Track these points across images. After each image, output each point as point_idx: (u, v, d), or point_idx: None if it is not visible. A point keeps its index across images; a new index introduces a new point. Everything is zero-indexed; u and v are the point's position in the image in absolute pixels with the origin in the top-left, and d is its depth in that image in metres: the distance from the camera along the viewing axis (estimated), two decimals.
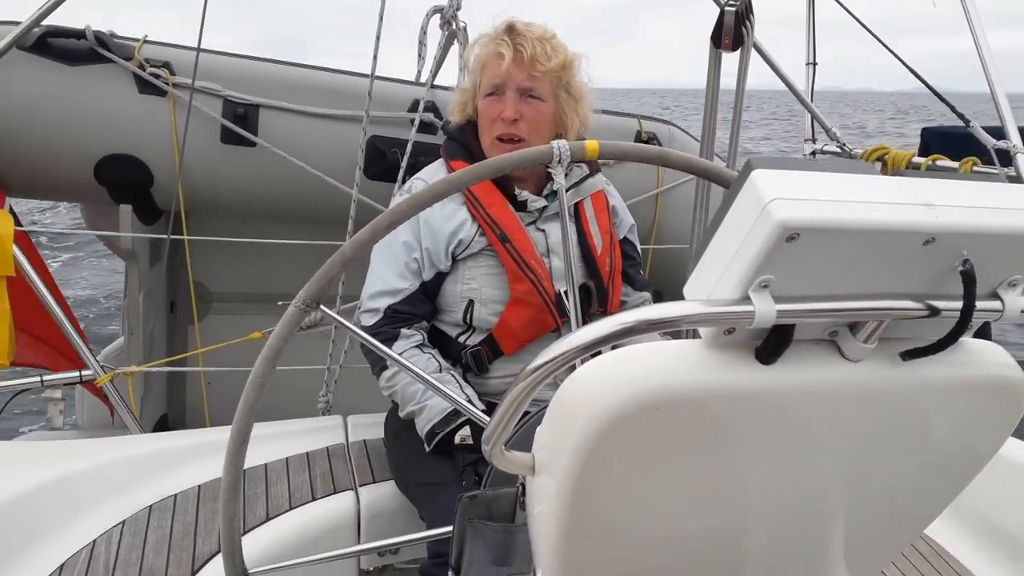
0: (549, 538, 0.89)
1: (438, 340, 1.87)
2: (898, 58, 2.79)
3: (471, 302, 1.80)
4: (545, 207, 1.84)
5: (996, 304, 0.80)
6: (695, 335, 0.81)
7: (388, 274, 1.81)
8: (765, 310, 0.71)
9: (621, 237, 2.00)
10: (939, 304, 0.77)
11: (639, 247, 2.11)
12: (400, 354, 1.76)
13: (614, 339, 0.76)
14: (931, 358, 0.82)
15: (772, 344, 0.76)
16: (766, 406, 0.80)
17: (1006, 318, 0.81)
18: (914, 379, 0.84)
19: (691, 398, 0.78)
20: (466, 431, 1.71)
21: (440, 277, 1.82)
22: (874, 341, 0.80)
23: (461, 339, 1.83)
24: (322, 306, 1.06)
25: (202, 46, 2.78)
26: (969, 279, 0.74)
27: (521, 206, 1.82)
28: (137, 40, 2.84)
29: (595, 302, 1.86)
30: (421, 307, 1.82)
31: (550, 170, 1.18)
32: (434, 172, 1.92)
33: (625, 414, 0.77)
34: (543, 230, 1.84)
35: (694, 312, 0.74)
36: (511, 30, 1.79)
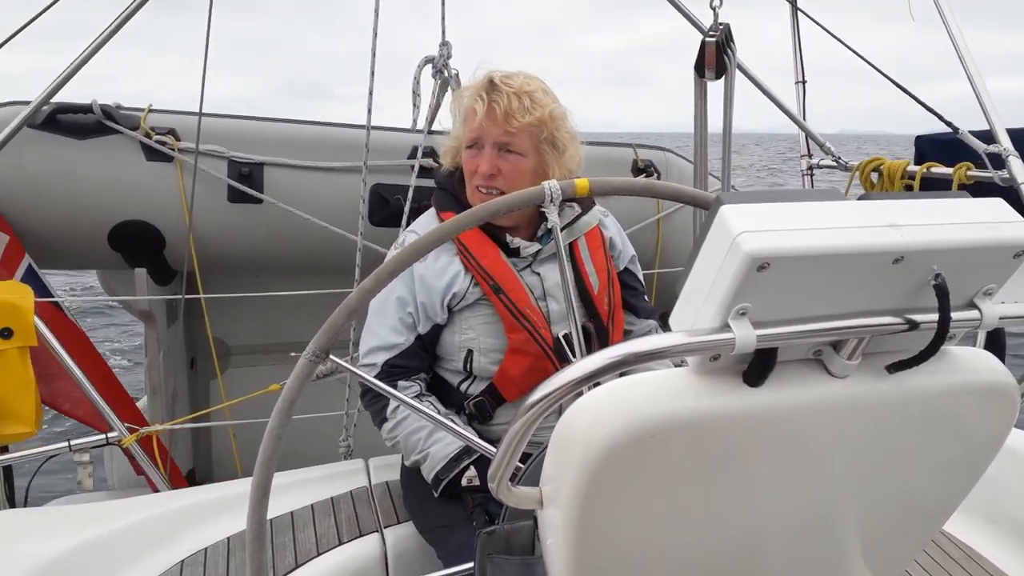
0: (562, 570, 0.91)
1: (440, 388, 1.87)
2: (881, 72, 2.84)
3: (470, 351, 1.80)
4: (539, 251, 1.83)
5: (974, 314, 0.83)
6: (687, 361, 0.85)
7: (383, 329, 1.81)
8: (744, 336, 0.75)
9: (621, 268, 1.99)
10: (917, 317, 0.80)
11: (641, 275, 2.09)
12: (397, 407, 1.79)
13: (606, 372, 0.80)
14: (917, 368, 0.84)
15: (757, 367, 0.80)
16: (758, 426, 0.83)
17: (985, 326, 0.84)
18: (902, 390, 0.86)
19: (684, 424, 0.81)
20: (472, 472, 1.71)
21: (438, 329, 1.81)
22: (857, 357, 0.83)
23: (463, 387, 1.84)
24: (331, 356, 1.10)
25: (206, 108, 2.87)
26: (942, 293, 0.77)
27: (514, 252, 1.81)
28: (142, 110, 2.94)
29: (595, 342, 1.83)
30: (418, 360, 1.82)
31: (543, 210, 1.20)
32: (426, 223, 1.92)
33: (621, 443, 0.80)
34: (538, 273, 1.83)
35: (678, 343, 0.77)
36: (489, 84, 1.77)
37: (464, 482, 1.71)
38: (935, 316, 0.79)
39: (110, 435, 2.55)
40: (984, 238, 0.79)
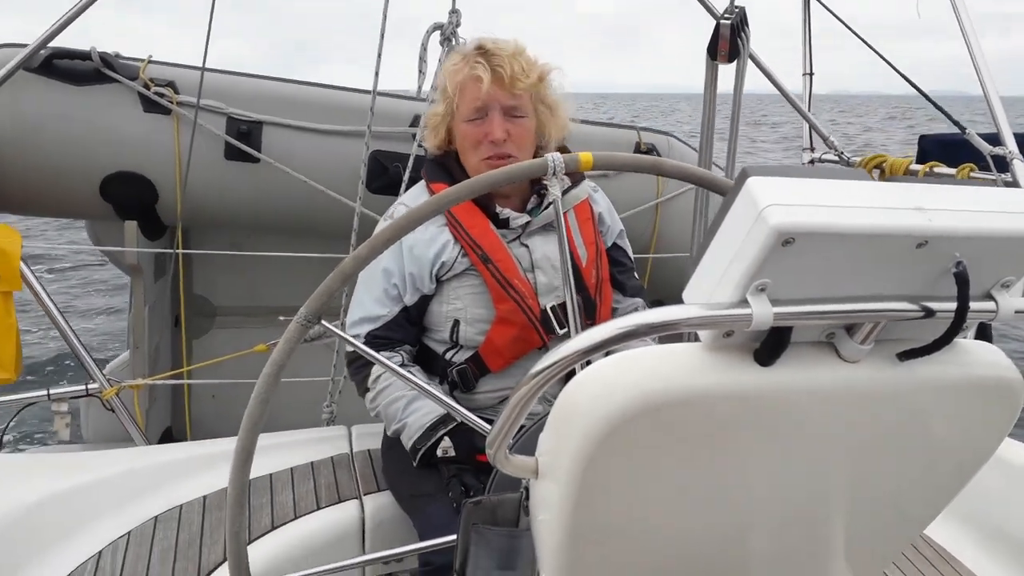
0: (553, 542, 0.90)
1: (425, 358, 1.87)
2: (891, 66, 2.82)
3: (457, 322, 1.80)
4: (528, 222, 1.83)
5: (990, 305, 0.82)
6: (695, 338, 0.83)
7: (368, 301, 1.82)
8: (762, 313, 0.73)
9: (610, 244, 1.99)
10: (934, 305, 0.79)
11: (631, 252, 2.09)
12: (378, 376, 1.80)
13: (615, 342, 0.78)
14: (927, 358, 0.83)
15: (770, 346, 0.78)
16: (765, 407, 0.82)
17: (1000, 318, 0.82)
18: (911, 379, 0.85)
19: (692, 400, 0.79)
20: (447, 443, 1.71)
21: (425, 300, 1.82)
22: (870, 342, 0.81)
23: (448, 355, 1.83)
24: (323, 320, 1.08)
25: (207, 63, 2.82)
26: (962, 281, 0.76)
27: (503, 223, 1.81)
28: (142, 60, 2.88)
29: (582, 315, 1.80)
30: (402, 332, 1.82)
31: (545, 182, 1.18)
32: (416, 195, 1.91)
33: (627, 417, 0.78)
34: (527, 245, 1.83)
35: (693, 315, 0.75)
36: (484, 51, 1.78)
37: (439, 453, 1.71)
38: (952, 305, 0.78)
39: (90, 386, 2.52)
40: (1009, 228, 0.77)
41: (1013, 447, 2.07)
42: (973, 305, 0.78)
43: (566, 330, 1.73)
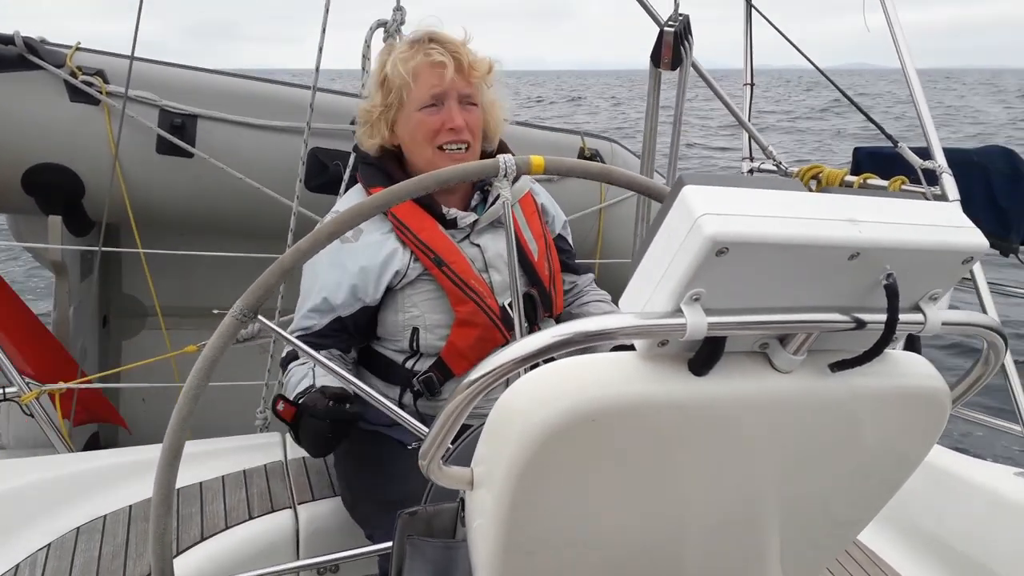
0: (487, 553, 0.89)
1: (384, 367, 1.82)
2: (810, 61, 2.89)
3: (415, 329, 1.75)
4: (475, 221, 1.80)
5: (919, 317, 0.83)
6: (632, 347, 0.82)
7: (302, 311, 1.78)
8: (696, 322, 0.72)
9: (556, 234, 1.98)
10: (865, 317, 0.79)
11: (571, 239, 2.09)
12: (290, 369, 1.73)
13: (552, 351, 0.76)
14: (858, 369, 0.84)
15: (704, 356, 0.77)
16: (699, 416, 0.81)
17: (928, 330, 0.84)
18: (842, 390, 0.86)
19: (625, 410, 0.78)
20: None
21: (367, 311, 1.75)
22: (803, 353, 0.81)
23: (408, 364, 1.79)
24: (260, 317, 1.04)
25: (139, 53, 2.72)
26: (892, 293, 0.77)
27: (451, 223, 1.78)
28: (70, 47, 2.76)
29: (540, 309, 1.83)
30: (332, 340, 1.77)
31: (496, 183, 1.17)
32: (352, 200, 1.86)
33: (561, 426, 0.77)
34: (478, 245, 1.80)
35: (628, 324, 0.75)
36: (437, 38, 1.76)
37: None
38: (882, 317, 0.78)
39: (8, 390, 2.40)
40: (938, 241, 0.78)
41: (940, 452, 2.13)
42: (902, 317, 0.79)
43: (527, 327, 1.72)
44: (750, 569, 1.06)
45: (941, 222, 0.79)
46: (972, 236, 0.79)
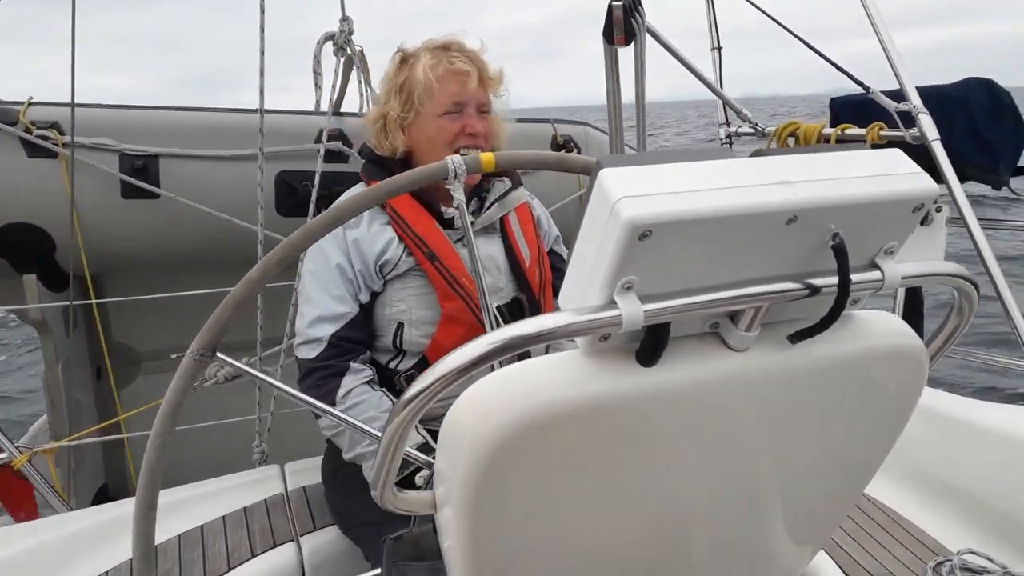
0: (458, 572, 0.84)
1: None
2: (794, 34, 2.82)
3: (400, 324, 1.73)
4: (472, 223, 1.77)
5: (875, 274, 0.77)
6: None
7: (326, 299, 1.69)
8: (631, 312, 0.67)
9: (548, 249, 1.98)
10: (817, 282, 0.74)
11: (566, 255, 2.07)
12: (350, 391, 1.65)
13: (490, 359, 0.71)
14: (820, 336, 0.78)
15: (649, 345, 0.72)
16: (655, 407, 0.76)
17: (887, 286, 0.78)
18: (805, 360, 0.81)
19: (574, 411, 0.73)
20: (427, 472, 1.57)
21: (375, 298, 1.74)
22: (756, 328, 0.76)
23: (392, 364, 1.76)
24: (219, 353, 1.00)
25: (97, 99, 2.68)
26: (840, 253, 0.71)
27: (448, 224, 1.77)
28: (22, 103, 2.72)
29: (528, 314, 1.81)
30: (363, 332, 1.72)
31: (447, 186, 1.14)
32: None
33: (508, 439, 0.72)
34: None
35: (564, 323, 0.69)
36: (459, 47, 1.80)
37: (419, 482, 1.54)
38: (835, 279, 0.73)
39: None
40: (881, 192, 0.73)
41: (951, 401, 2.08)
42: (856, 277, 0.74)
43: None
44: (762, 542, 1.01)
45: (884, 171, 0.74)
46: (918, 182, 0.74)
